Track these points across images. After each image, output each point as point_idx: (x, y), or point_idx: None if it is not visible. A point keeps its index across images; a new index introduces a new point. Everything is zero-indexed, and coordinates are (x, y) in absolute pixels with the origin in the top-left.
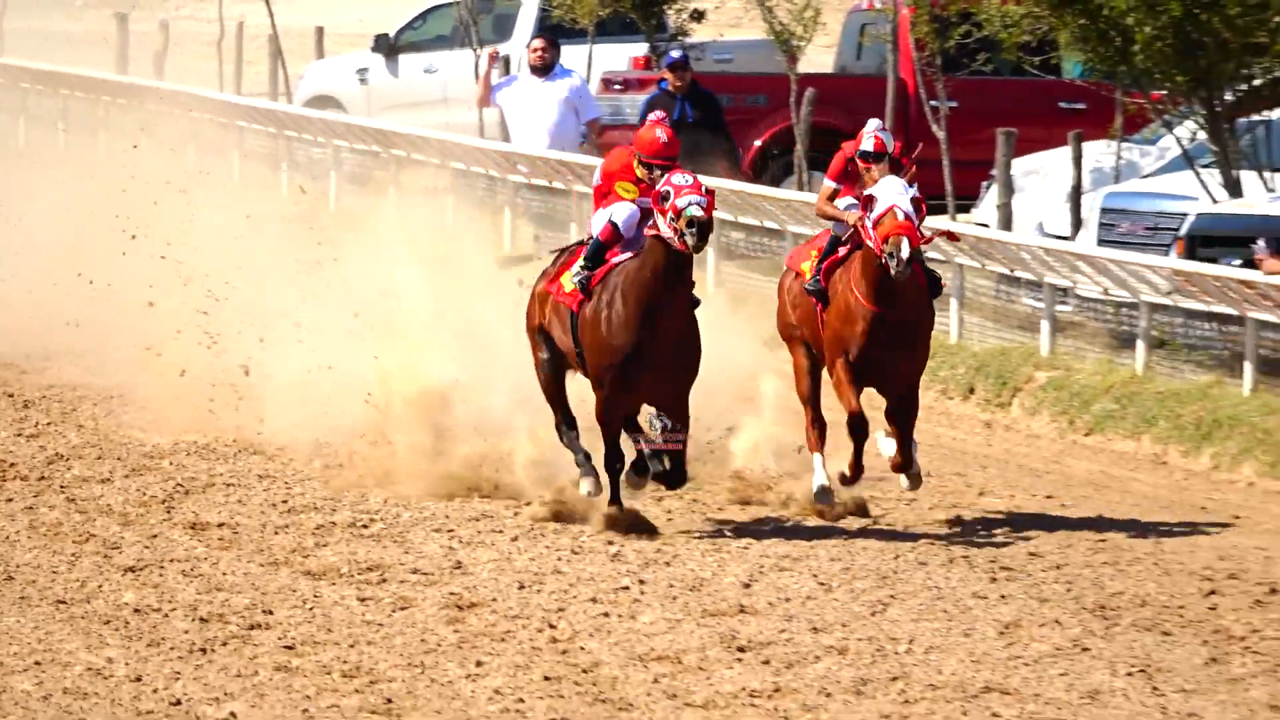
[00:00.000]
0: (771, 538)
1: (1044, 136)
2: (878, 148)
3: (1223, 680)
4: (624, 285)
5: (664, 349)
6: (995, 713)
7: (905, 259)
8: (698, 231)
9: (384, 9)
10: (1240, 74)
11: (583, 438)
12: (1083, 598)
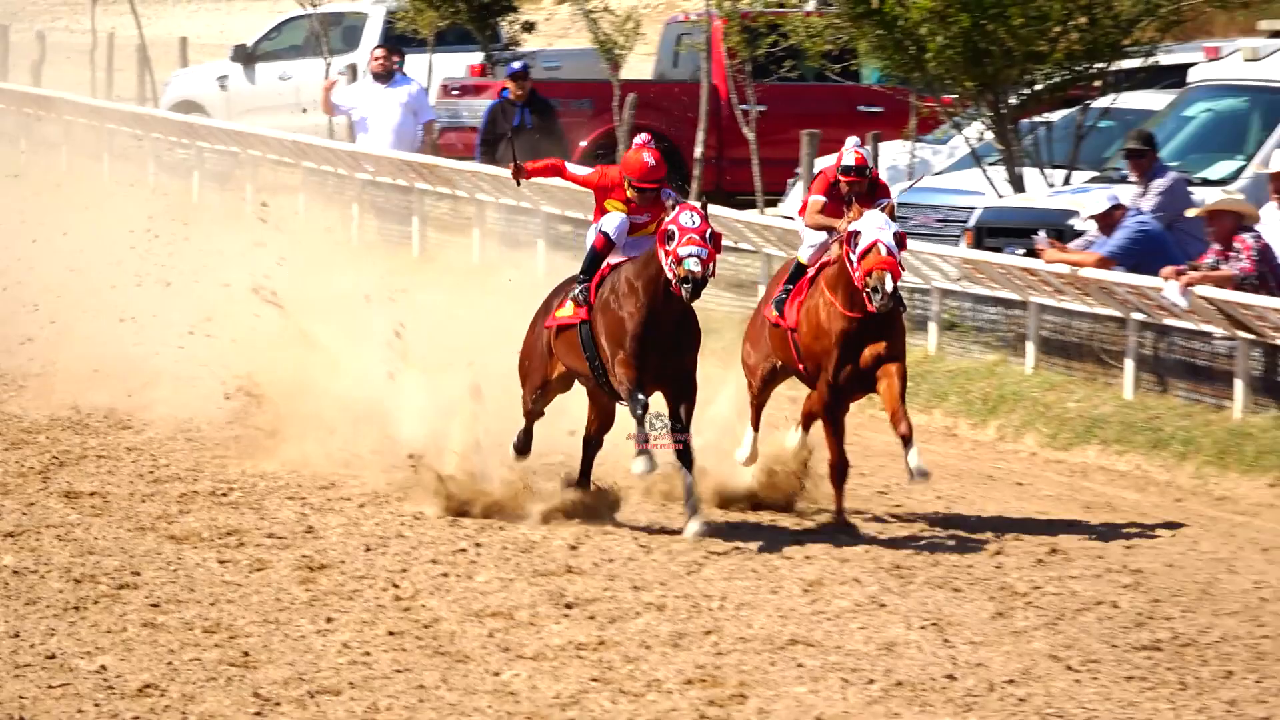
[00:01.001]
0: None
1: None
2: (859, 162)
3: (1008, 633)
4: (629, 279)
5: (666, 332)
6: (800, 663)
7: (889, 293)
8: (692, 288)
9: (243, 21)
10: (1023, 79)
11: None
12: (880, 558)
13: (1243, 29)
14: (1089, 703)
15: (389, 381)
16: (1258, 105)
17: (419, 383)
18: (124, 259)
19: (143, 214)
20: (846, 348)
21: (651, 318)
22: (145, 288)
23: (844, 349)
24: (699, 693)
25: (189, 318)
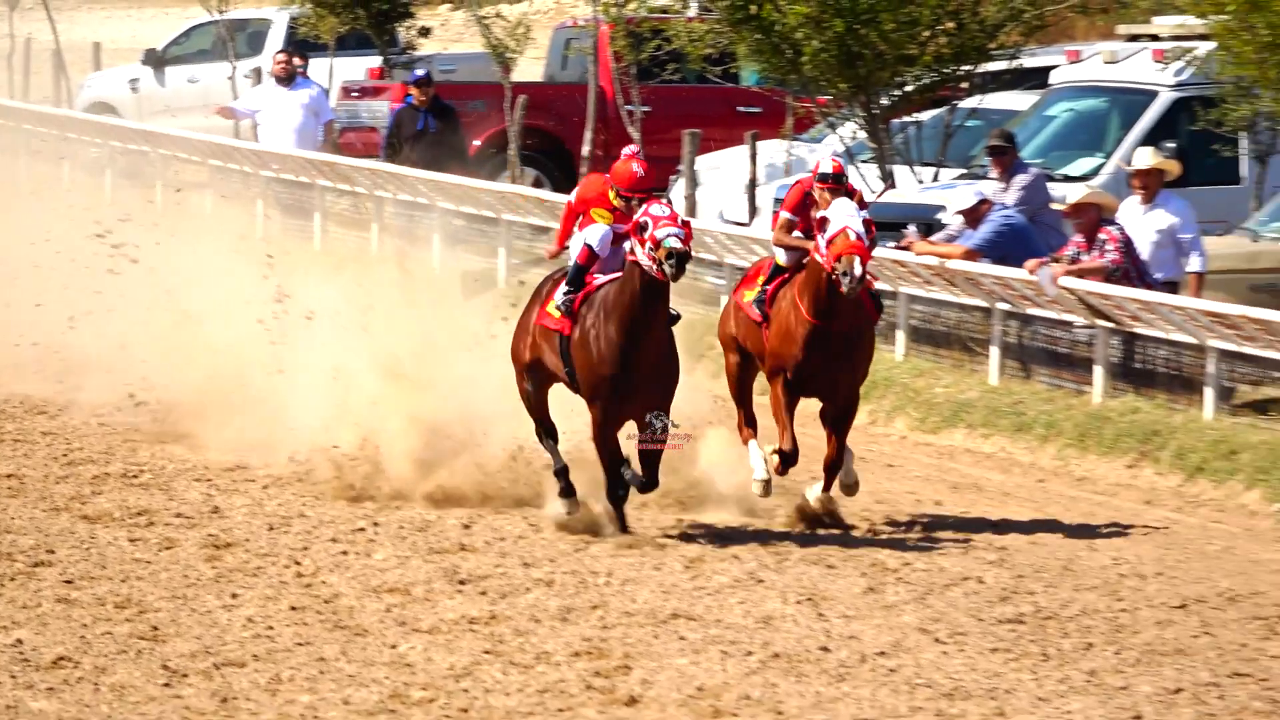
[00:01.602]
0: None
1: (724, 136)
2: (836, 170)
3: (879, 607)
4: (607, 308)
5: (647, 364)
6: (682, 636)
7: (857, 277)
8: (676, 263)
9: (154, 26)
10: (894, 81)
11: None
12: (758, 536)
13: (1102, 33)
14: (956, 673)
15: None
16: (1116, 105)
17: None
18: (44, 254)
19: (62, 208)
20: (810, 351)
21: (629, 353)
22: (69, 277)
23: (808, 352)
24: (586, 664)
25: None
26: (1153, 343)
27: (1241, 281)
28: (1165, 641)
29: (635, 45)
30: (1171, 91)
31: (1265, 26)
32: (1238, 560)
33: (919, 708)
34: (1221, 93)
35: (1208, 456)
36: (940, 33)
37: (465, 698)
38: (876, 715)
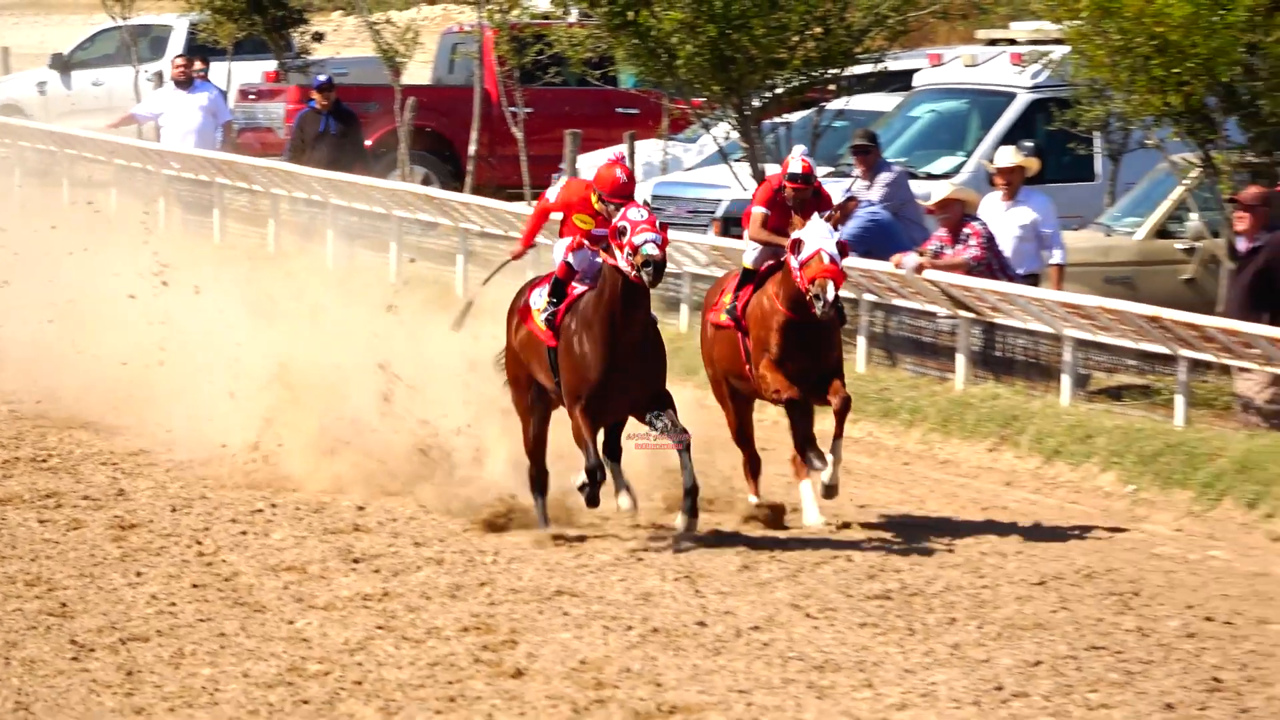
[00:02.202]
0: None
1: (604, 136)
2: (805, 170)
3: (753, 584)
4: (588, 314)
5: (629, 364)
6: (566, 611)
7: (830, 300)
8: (653, 270)
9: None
10: (765, 84)
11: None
12: (636, 517)
13: (963, 38)
14: (826, 646)
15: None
16: (976, 107)
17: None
18: None
19: None
20: (787, 339)
21: (610, 359)
22: None
23: (785, 340)
24: (474, 639)
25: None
26: (1012, 332)
27: (1096, 274)
28: (1025, 616)
29: (518, 50)
30: (1029, 93)
31: (1117, 31)
32: (1093, 539)
33: (791, 679)
34: (1076, 94)
35: (1065, 440)
36: (808, 38)
37: (359, 671)
38: (751, 687)
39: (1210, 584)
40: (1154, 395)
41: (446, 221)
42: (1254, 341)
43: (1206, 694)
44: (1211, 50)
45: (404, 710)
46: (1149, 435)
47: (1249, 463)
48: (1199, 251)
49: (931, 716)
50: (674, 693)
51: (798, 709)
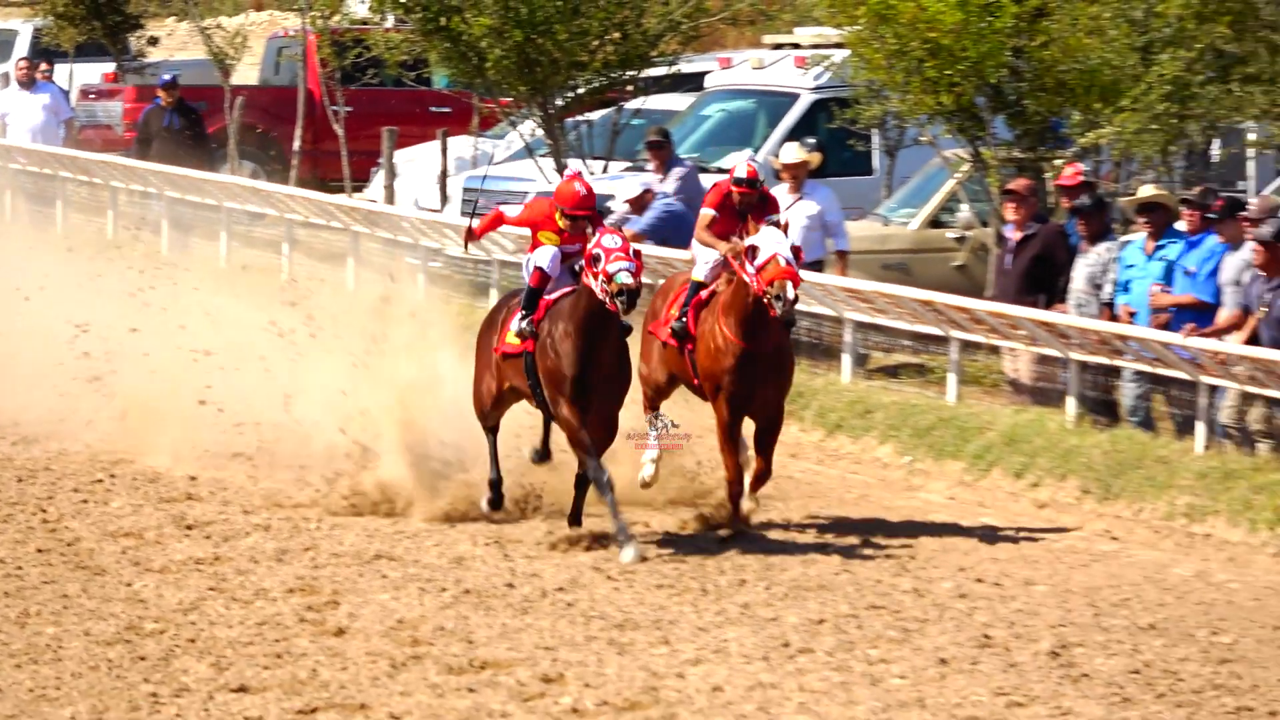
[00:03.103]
0: (219, 444)
1: (419, 133)
2: (751, 175)
3: (559, 550)
4: (564, 323)
5: (602, 371)
6: (384, 574)
7: (790, 300)
8: (627, 299)
9: None
10: (568, 85)
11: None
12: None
13: (750, 42)
14: (626, 606)
15: None
16: (763, 106)
17: None
18: None
19: None
20: (741, 371)
21: (587, 359)
22: None
23: (739, 371)
24: (299, 599)
25: None
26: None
27: (874, 261)
28: (810, 578)
29: (339, 53)
30: (812, 94)
31: (893, 36)
32: (872, 506)
33: (594, 637)
34: (855, 94)
35: (845, 415)
36: (607, 42)
37: (193, 629)
38: (556, 644)
39: (980, 548)
40: (928, 373)
41: (273, 212)
42: (1020, 323)
43: (978, 649)
44: (980, 54)
45: (234, 666)
46: (924, 410)
47: (1015, 436)
48: (969, 240)
49: (724, 671)
50: (485, 649)
51: (600, 664)
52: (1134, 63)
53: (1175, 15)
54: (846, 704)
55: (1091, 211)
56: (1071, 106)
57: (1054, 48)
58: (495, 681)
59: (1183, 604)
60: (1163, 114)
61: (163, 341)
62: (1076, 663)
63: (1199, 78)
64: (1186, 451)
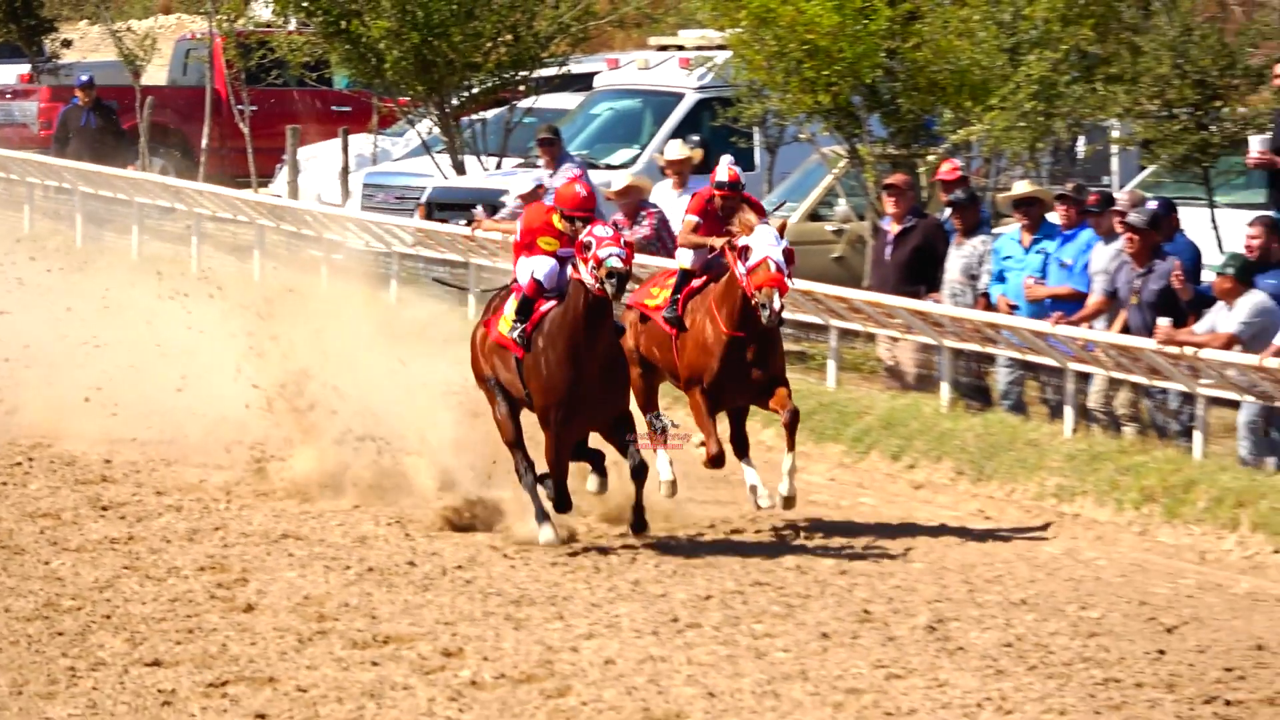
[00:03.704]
0: (136, 424)
1: (321, 131)
2: (732, 179)
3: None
4: (555, 330)
5: (595, 378)
6: (291, 553)
7: (776, 310)
8: (617, 282)
9: None
10: (463, 85)
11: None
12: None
13: (637, 44)
14: (522, 583)
15: None
16: (649, 105)
17: None
18: None
19: None
20: (727, 363)
21: (577, 373)
22: None
23: (724, 364)
24: (210, 577)
25: None
26: None
27: None
28: (698, 556)
29: (244, 54)
30: (696, 93)
31: (773, 38)
32: None
33: (491, 612)
34: (737, 94)
35: None
36: (501, 44)
37: (108, 606)
38: (456, 619)
39: (860, 527)
40: (809, 360)
41: (182, 207)
42: (896, 312)
43: (858, 624)
44: (856, 55)
45: (148, 641)
46: (805, 395)
47: (892, 420)
48: (846, 233)
49: (616, 645)
50: (388, 624)
51: (497, 638)
52: (1002, 63)
53: (1042, 18)
54: (733, 676)
55: (966, 205)
56: (943, 105)
57: (926, 49)
58: (398, 655)
59: (1053, 580)
60: (1030, 112)
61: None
62: (952, 636)
63: (1065, 78)
64: (1056, 435)
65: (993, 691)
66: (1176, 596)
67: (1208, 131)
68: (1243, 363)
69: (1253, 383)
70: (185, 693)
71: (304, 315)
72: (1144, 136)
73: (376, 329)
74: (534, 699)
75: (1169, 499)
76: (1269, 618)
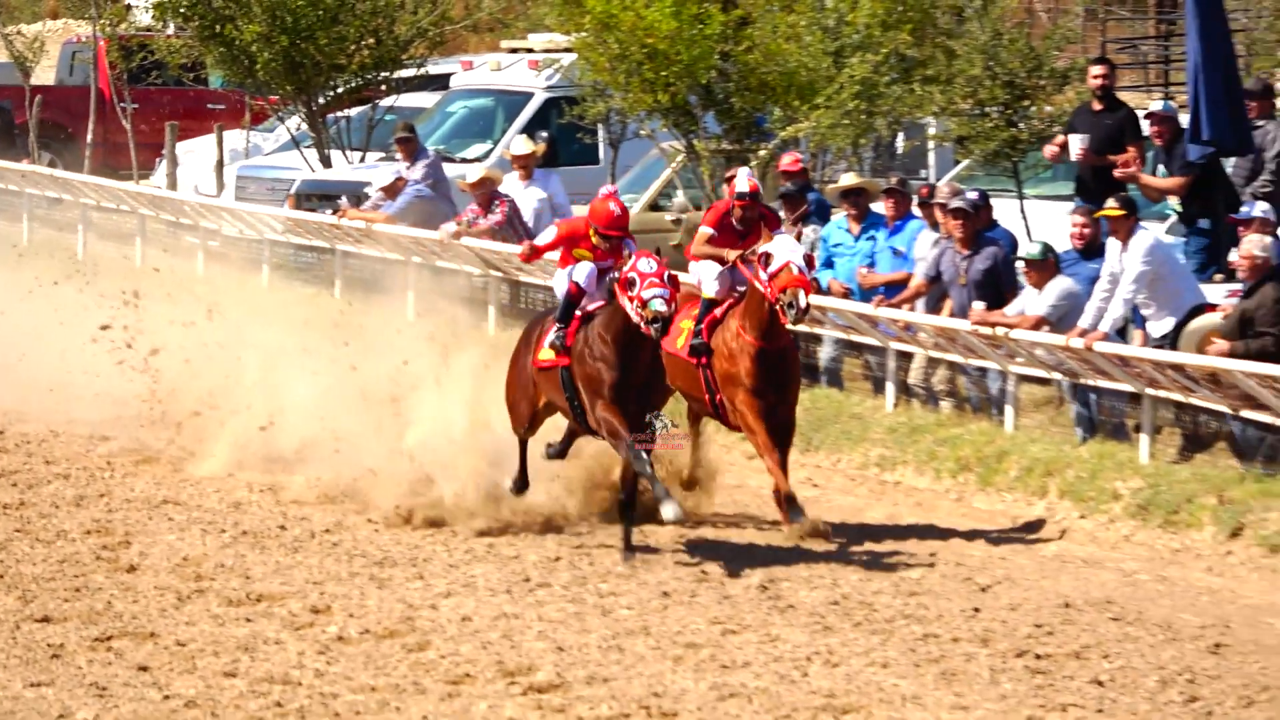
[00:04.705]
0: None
1: (197, 127)
2: (753, 189)
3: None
4: (600, 330)
5: (638, 381)
6: (170, 517)
7: (802, 308)
8: (661, 327)
9: None
10: (329, 84)
11: None
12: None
13: (490, 47)
14: (385, 546)
15: None
16: (501, 104)
17: None
18: None
19: None
20: (761, 366)
21: (624, 366)
22: None
23: (759, 367)
24: (95, 540)
25: None
26: (533, 288)
27: None
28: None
29: (126, 56)
30: (544, 93)
31: (615, 42)
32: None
33: (356, 573)
34: (582, 93)
35: None
36: (364, 47)
37: (1, 566)
38: (323, 578)
39: (697, 494)
40: None
41: (69, 197)
42: None
43: (696, 584)
44: (692, 58)
45: (38, 599)
46: None
47: None
48: (684, 222)
49: (472, 603)
50: (261, 584)
51: (362, 597)
52: (827, 65)
53: (863, 23)
54: (580, 632)
55: (795, 196)
56: (773, 104)
57: (757, 52)
58: (270, 612)
59: (876, 543)
60: (853, 110)
61: None
62: (783, 595)
63: (885, 79)
64: (878, 409)
65: (820, 646)
66: (990, 558)
67: (1017, 129)
68: (1050, 343)
69: (1060, 361)
70: (73, 646)
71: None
72: (958, 133)
73: (250, 310)
74: (396, 653)
75: (983, 468)
76: (1075, 578)
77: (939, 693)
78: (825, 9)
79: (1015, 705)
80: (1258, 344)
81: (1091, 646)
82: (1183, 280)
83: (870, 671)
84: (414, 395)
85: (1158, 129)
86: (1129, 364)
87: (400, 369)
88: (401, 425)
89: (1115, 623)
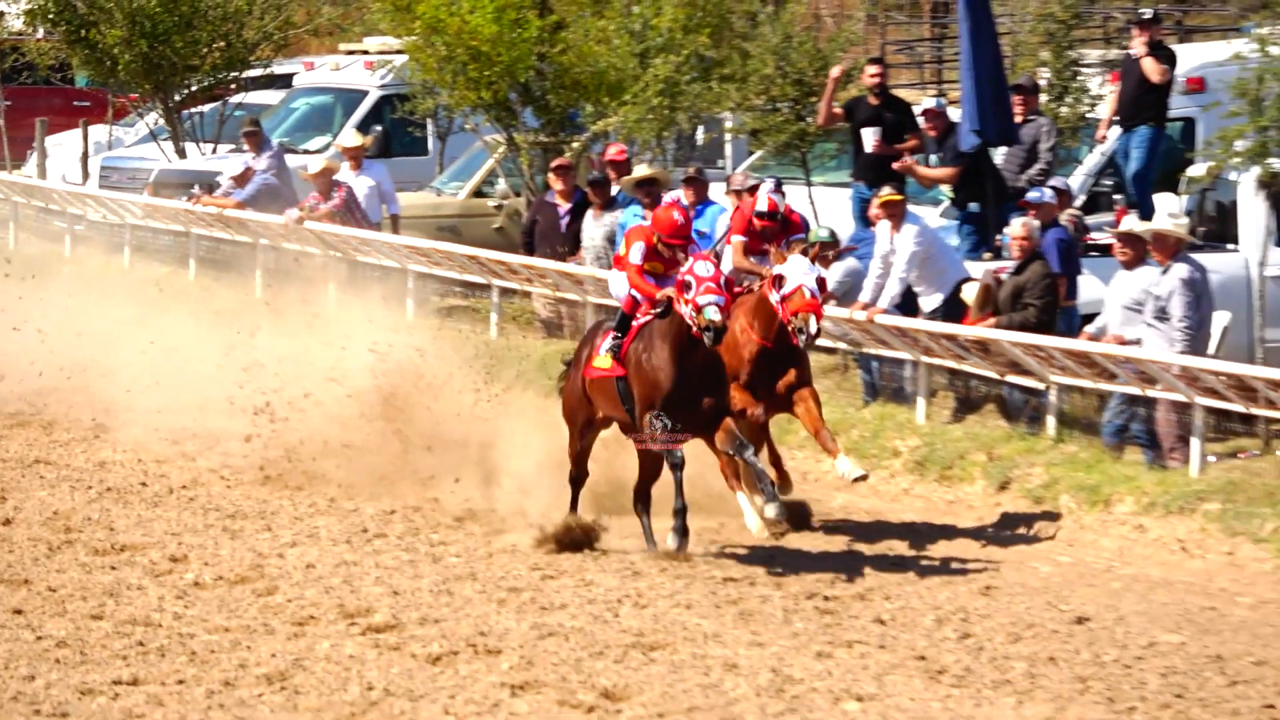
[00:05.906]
0: None
1: (65, 123)
2: (771, 208)
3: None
4: (656, 337)
5: (694, 381)
6: (42, 476)
7: (812, 333)
8: (714, 335)
9: None
10: (184, 83)
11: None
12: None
13: (330, 49)
14: (236, 501)
15: None
16: (340, 101)
17: None
18: None
19: None
20: (758, 366)
21: (681, 371)
22: None
23: (757, 366)
24: None
25: None
26: (366, 267)
27: (429, 224)
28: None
29: None
30: (378, 91)
31: (442, 44)
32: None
33: (211, 525)
34: (413, 91)
35: None
36: (215, 49)
37: None
38: (181, 531)
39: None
40: (475, 314)
41: None
42: (547, 273)
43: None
44: (512, 59)
45: None
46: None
47: (546, 363)
48: (505, 207)
49: (315, 552)
50: (124, 535)
51: (216, 547)
52: (634, 66)
53: (666, 27)
54: (414, 578)
55: (601, 184)
56: (585, 101)
57: (570, 54)
58: (133, 561)
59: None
60: (657, 106)
61: None
62: (599, 546)
63: (686, 77)
64: None
65: (631, 589)
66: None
67: (805, 122)
68: (835, 315)
69: (845, 332)
70: None
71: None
72: (752, 126)
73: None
74: (247, 597)
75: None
76: (858, 528)
77: (737, 631)
78: (632, 14)
79: (806, 642)
80: (1021, 315)
81: (874, 589)
82: (948, 259)
83: (676, 612)
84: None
85: (931, 124)
86: (906, 334)
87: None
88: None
89: (896, 567)
